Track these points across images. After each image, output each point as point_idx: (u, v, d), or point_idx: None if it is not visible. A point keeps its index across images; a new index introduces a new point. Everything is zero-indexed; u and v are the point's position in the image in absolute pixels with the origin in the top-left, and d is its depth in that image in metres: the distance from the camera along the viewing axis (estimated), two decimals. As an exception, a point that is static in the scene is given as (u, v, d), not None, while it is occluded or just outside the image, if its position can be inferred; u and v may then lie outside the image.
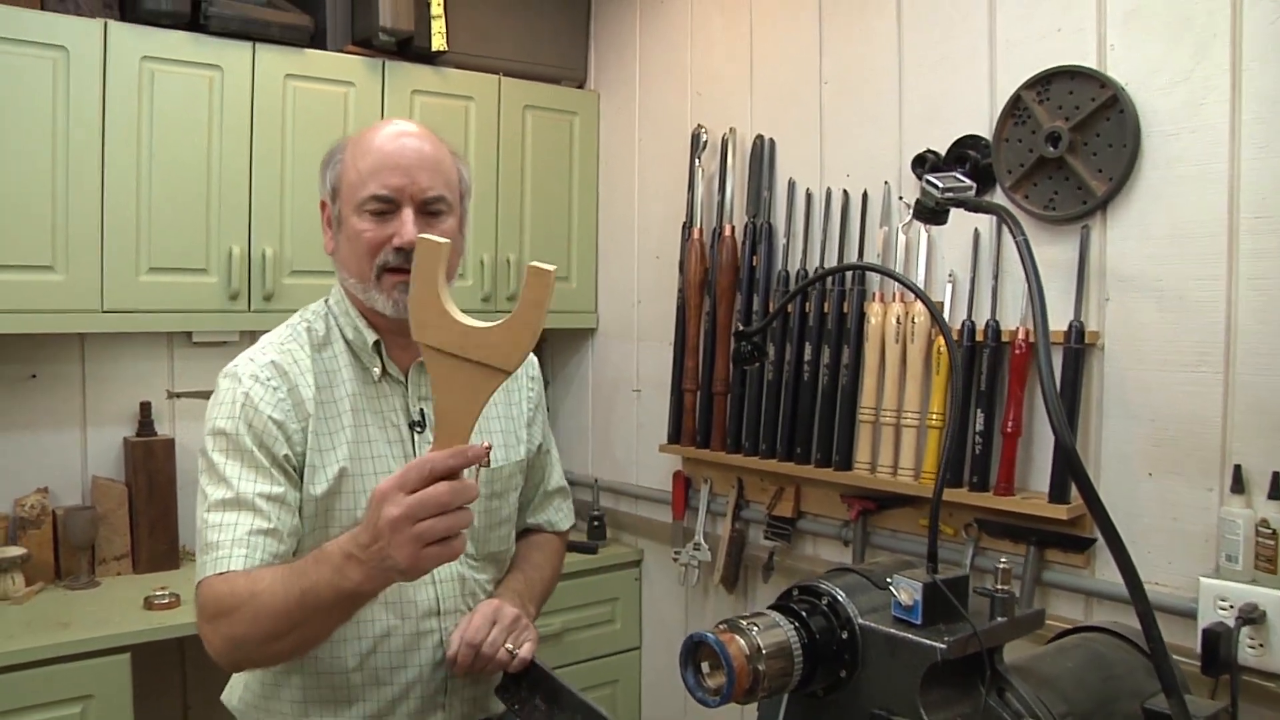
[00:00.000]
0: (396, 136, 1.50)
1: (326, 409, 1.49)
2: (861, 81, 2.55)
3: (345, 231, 1.51)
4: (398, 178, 1.46)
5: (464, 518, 1.10)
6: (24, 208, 2.38)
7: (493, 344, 1.07)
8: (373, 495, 1.11)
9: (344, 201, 1.51)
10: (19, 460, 2.74)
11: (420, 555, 1.09)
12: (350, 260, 1.51)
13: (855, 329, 2.47)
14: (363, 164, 1.48)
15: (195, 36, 2.58)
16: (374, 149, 1.49)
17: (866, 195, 2.52)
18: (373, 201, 1.46)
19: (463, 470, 1.10)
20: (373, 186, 1.46)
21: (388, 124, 1.54)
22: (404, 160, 1.47)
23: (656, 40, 3.17)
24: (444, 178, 1.51)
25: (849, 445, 2.48)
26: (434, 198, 1.49)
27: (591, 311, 3.41)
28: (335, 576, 1.16)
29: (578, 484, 3.47)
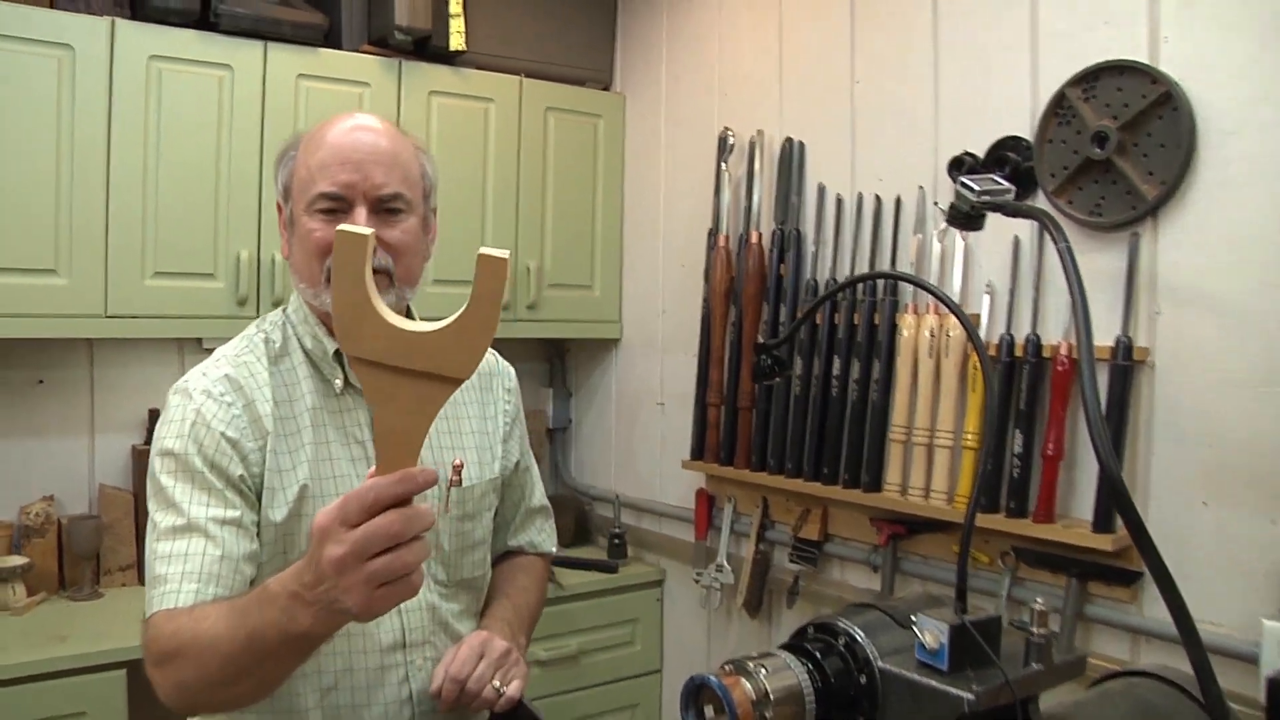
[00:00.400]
0: (350, 130, 1.38)
1: (285, 425, 1.38)
2: (895, 80, 2.41)
3: (297, 233, 1.40)
4: (348, 173, 1.35)
5: (419, 550, 0.94)
6: (26, 209, 2.32)
7: (440, 349, 0.92)
8: (312, 528, 0.97)
9: (295, 201, 1.40)
10: (25, 467, 2.67)
11: (373, 598, 0.94)
12: (301, 264, 1.40)
13: (887, 342, 2.33)
14: (313, 160, 1.37)
15: (205, 35, 2.50)
16: (325, 144, 1.37)
17: (900, 201, 2.38)
18: (322, 200, 1.35)
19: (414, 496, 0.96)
20: (322, 184, 1.35)
21: (343, 117, 1.42)
22: (357, 155, 1.35)
23: (684, 40, 3.06)
24: (401, 173, 1.39)
25: (879, 466, 2.34)
26: (389, 195, 1.37)
27: (615, 321, 3.29)
28: (282, 618, 1.04)
29: (599, 499, 3.37)
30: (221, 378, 1.36)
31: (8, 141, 2.29)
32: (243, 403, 1.35)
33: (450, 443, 1.51)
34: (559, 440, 3.56)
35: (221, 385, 1.35)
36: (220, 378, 1.36)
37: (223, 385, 1.35)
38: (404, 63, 2.80)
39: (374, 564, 0.93)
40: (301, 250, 1.38)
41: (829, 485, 2.44)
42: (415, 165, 1.43)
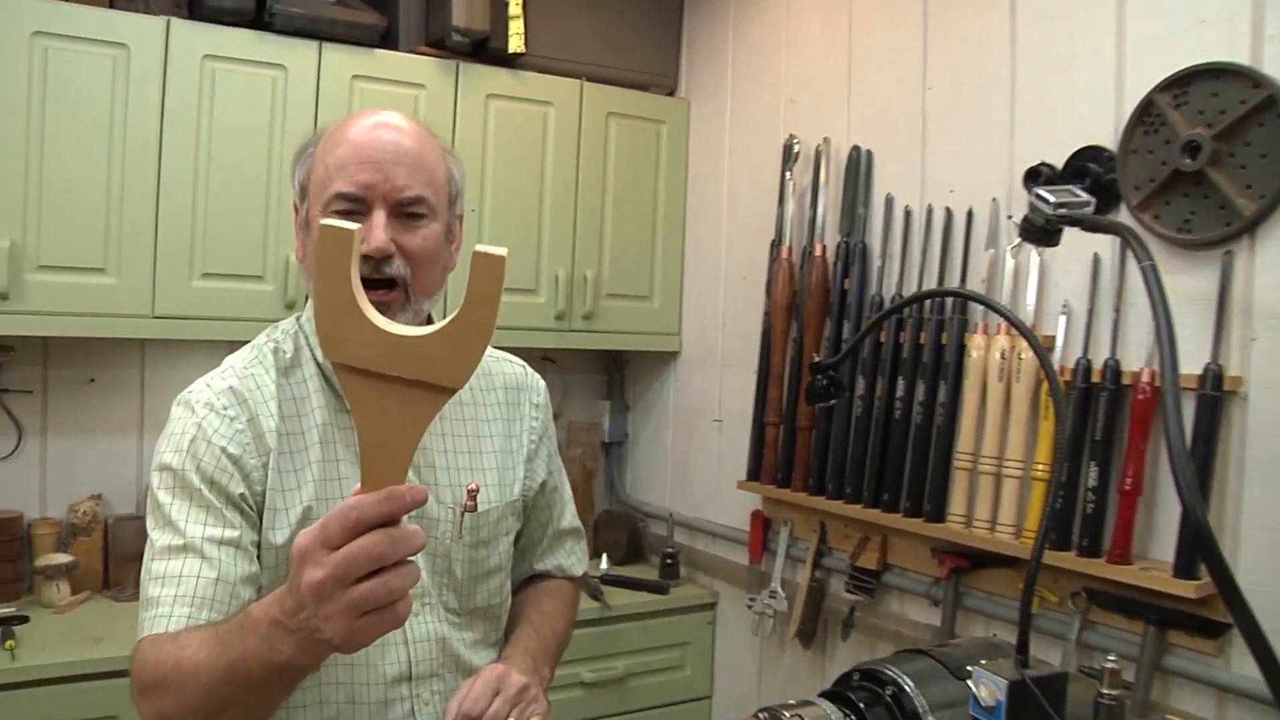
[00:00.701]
0: (372, 128, 1.30)
1: (292, 441, 1.30)
2: (969, 87, 2.28)
3: (312, 236, 1.32)
4: (368, 174, 1.26)
5: (408, 575, 0.86)
6: (78, 207, 2.31)
7: (431, 355, 0.84)
8: (293, 550, 0.89)
9: (312, 200, 1.32)
10: (74, 465, 2.67)
11: (355, 627, 0.86)
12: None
13: (954, 364, 2.20)
14: (331, 158, 1.29)
15: (259, 35, 2.47)
16: (345, 141, 1.29)
17: (972, 213, 2.25)
18: (339, 201, 1.27)
19: (401, 516, 0.87)
20: (340, 183, 1.27)
21: (366, 114, 1.34)
22: (378, 154, 1.27)
23: (750, 45, 2.95)
24: (425, 176, 1.31)
25: (942, 494, 2.21)
26: (411, 199, 1.28)
27: (675, 334, 3.19)
28: (263, 648, 0.96)
29: (653, 517, 3.27)
30: (226, 390, 1.29)
31: (62, 139, 2.28)
32: (246, 417, 1.28)
33: (469, 463, 1.43)
34: (615, 454, 3.47)
35: (225, 398, 1.28)
36: (224, 390, 1.29)
37: (226, 398, 1.28)
38: (461, 65, 2.74)
39: (356, 590, 0.84)
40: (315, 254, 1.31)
41: (889, 513, 2.31)
42: (441, 168, 1.35)
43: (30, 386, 2.61)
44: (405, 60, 2.67)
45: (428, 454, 1.38)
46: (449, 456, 1.40)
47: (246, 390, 1.29)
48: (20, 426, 2.60)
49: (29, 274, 2.26)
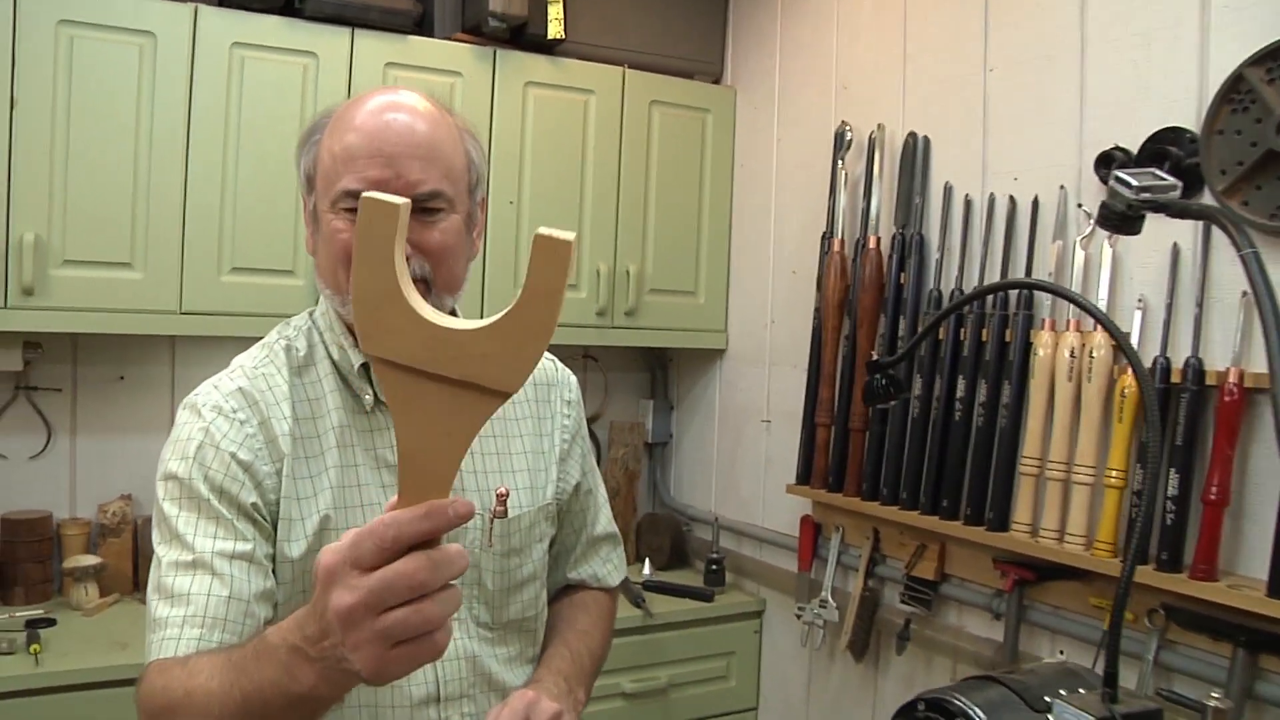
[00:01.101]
0: (380, 111, 1.18)
1: (307, 446, 1.21)
2: (1034, 67, 2.14)
3: (321, 231, 1.22)
4: (378, 169, 1.15)
5: (449, 602, 0.75)
6: (104, 200, 2.25)
7: (482, 353, 0.73)
8: (316, 567, 0.78)
9: (319, 194, 1.21)
10: (104, 464, 2.62)
11: (386, 658, 0.75)
12: (325, 267, 1.22)
13: (1019, 362, 2.06)
14: (338, 147, 1.18)
15: (289, 21, 2.39)
16: (352, 129, 1.18)
17: (1038, 202, 2.11)
18: (347, 198, 1.16)
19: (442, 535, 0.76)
20: (348, 179, 1.16)
21: (375, 94, 1.22)
22: (389, 146, 1.16)
23: (799, 29, 2.83)
24: (442, 166, 1.19)
25: (1006, 501, 2.08)
26: (427, 194, 1.17)
27: (721, 331, 3.08)
28: (282, 677, 0.86)
29: (698, 520, 3.16)
30: (235, 391, 1.19)
31: (87, 131, 2.22)
32: (258, 420, 1.18)
33: (498, 465, 1.32)
34: (659, 455, 3.36)
35: (235, 400, 1.18)
36: (233, 391, 1.19)
37: (236, 400, 1.18)
38: (499, 52, 2.64)
39: (390, 618, 0.74)
40: (326, 252, 1.20)
41: (948, 520, 2.18)
42: (459, 154, 1.24)
43: (59, 384, 2.56)
44: (441, 47, 2.58)
45: None
46: (475, 458, 1.30)
47: (257, 391, 1.20)
48: (49, 425, 2.55)
49: (54, 269, 2.20)
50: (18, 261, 2.15)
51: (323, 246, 1.21)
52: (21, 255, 2.15)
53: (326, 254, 1.20)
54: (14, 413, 2.52)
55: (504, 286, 2.62)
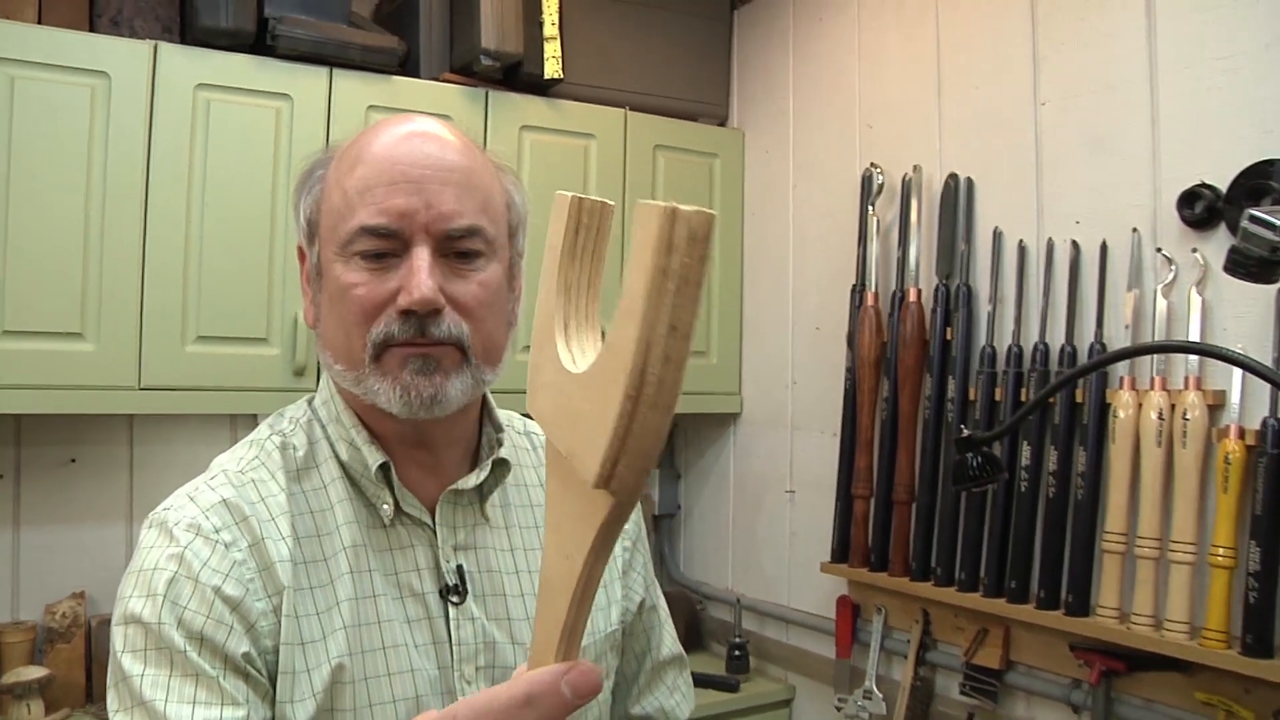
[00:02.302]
0: (406, 138, 0.94)
1: (312, 574, 0.93)
2: (1095, 99, 1.94)
3: (327, 289, 0.97)
4: (403, 196, 0.91)
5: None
6: (51, 262, 1.97)
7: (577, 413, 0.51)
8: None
9: (324, 241, 0.97)
10: (53, 559, 2.31)
11: None
12: (334, 333, 0.96)
13: (1094, 425, 1.84)
14: (351, 181, 0.94)
15: (260, 60, 2.15)
16: (369, 158, 0.94)
17: (1106, 248, 1.90)
18: (364, 237, 0.92)
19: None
20: (364, 213, 0.92)
21: (394, 121, 0.99)
22: (415, 171, 0.92)
23: (814, 66, 2.62)
24: (480, 200, 0.96)
25: (1085, 582, 1.85)
26: (464, 230, 0.93)
27: (735, 393, 2.83)
28: None
29: (714, 600, 2.89)
30: (217, 504, 0.92)
31: (33, 183, 1.95)
32: (248, 542, 0.91)
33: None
34: (666, 528, 3.10)
35: (217, 515, 0.91)
36: (215, 504, 0.92)
37: (219, 515, 0.91)
38: (491, 93, 2.41)
39: None
40: (335, 314, 0.95)
41: (1017, 603, 1.94)
42: (498, 191, 1.00)
43: (1, 470, 2.25)
44: (427, 88, 2.34)
45: (494, 576, 1.01)
46: (523, 578, 1.04)
47: (246, 504, 0.93)
48: (-11, 517, 2.25)
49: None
50: (-50, 333, 1.87)
51: (330, 307, 0.96)
52: (-45, 326, 1.87)
53: (336, 315, 0.95)
54: (-52, 503, 2.22)
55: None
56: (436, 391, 0.91)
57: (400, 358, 0.92)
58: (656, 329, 0.45)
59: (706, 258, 0.45)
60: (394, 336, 0.91)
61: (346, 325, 0.93)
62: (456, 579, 0.98)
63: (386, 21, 2.45)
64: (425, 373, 0.91)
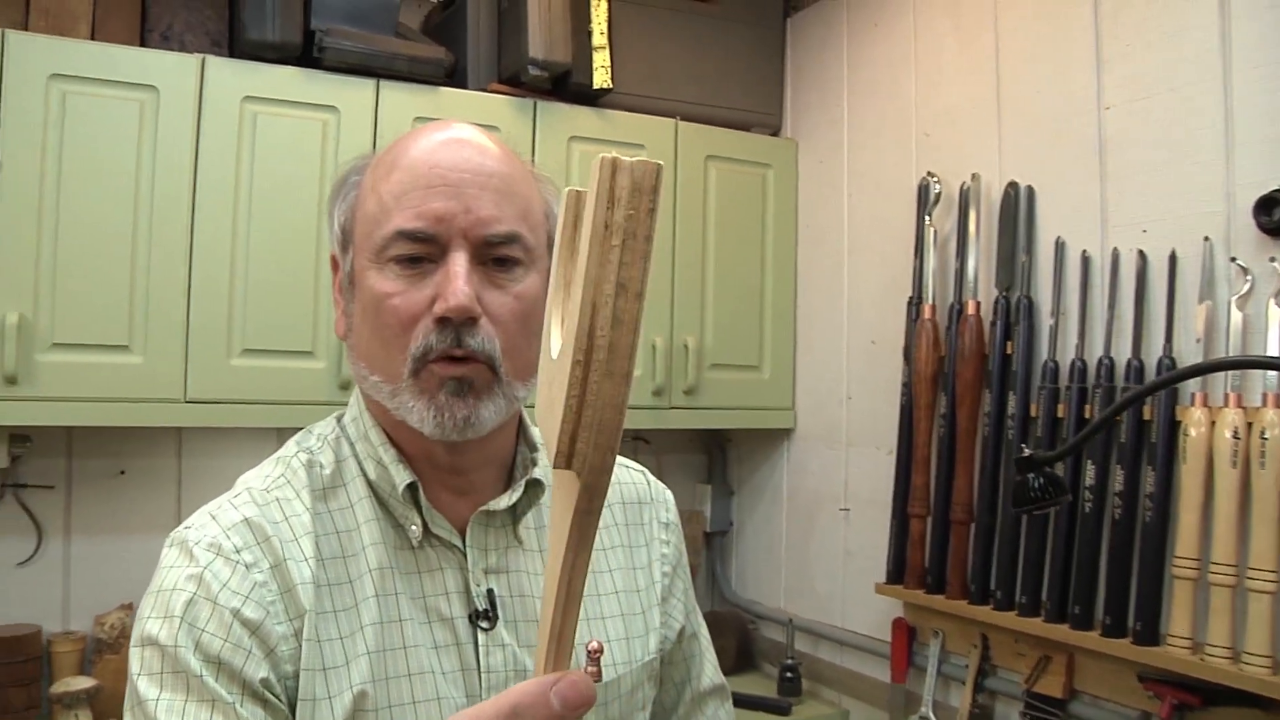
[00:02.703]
0: (444, 144, 0.92)
1: (336, 597, 0.90)
2: (1162, 102, 1.86)
3: (360, 298, 0.94)
4: (441, 200, 0.88)
5: None
6: (98, 275, 1.99)
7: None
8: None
9: (358, 248, 0.94)
10: (102, 570, 2.32)
11: None
12: (369, 345, 0.93)
13: (1163, 444, 1.75)
14: (387, 186, 0.91)
15: (307, 72, 2.14)
16: (405, 163, 0.92)
17: (1176, 258, 1.81)
18: (400, 242, 0.89)
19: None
20: (401, 218, 0.89)
21: (431, 127, 0.96)
22: (454, 175, 0.89)
23: (869, 73, 2.56)
24: (520, 207, 0.92)
25: (1154, 609, 1.75)
26: (503, 236, 0.90)
27: (788, 409, 2.76)
28: None
29: (766, 620, 2.82)
30: (239, 524, 0.89)
31: (80, 197, 1.97)
32: (269, 563, 0.88)
33: (585, 610, 1.01)
34: (718, 546, 3.03)
35: (238, 535, 0.88)
36: (237, 524, 0.89)
37: (240, 535, 0.88)
38: (539, 103, 2.39)
39: None
40: (369, 325, 0.92)
41: (1081, 630, 1.85)
42: (537, 200, 0.97)
43: (51, 481, 2.26)
44: (475, 99, 2.32)
45: (526, 601, 0.97)
46: None
47: (269, 523, 0.90)
48: (40, 527, 2.25)
49: (41, 354, 1.92)
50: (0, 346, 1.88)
51: (363, 318, 0.93)
52: (4, 339, 1.87)
53: (370, 326, 0.91)
54: (0, 513, 2.23)
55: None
56: (470, 414, 0.89)
57: (438, 378, 0.89)
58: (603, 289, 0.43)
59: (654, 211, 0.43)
60: (432, 348, 0.88)
61: (384, 337, 0.90)
62: (487, 604, 0.94)
63: (434, 33, 2.44)
64: (460, 395, 0.88)
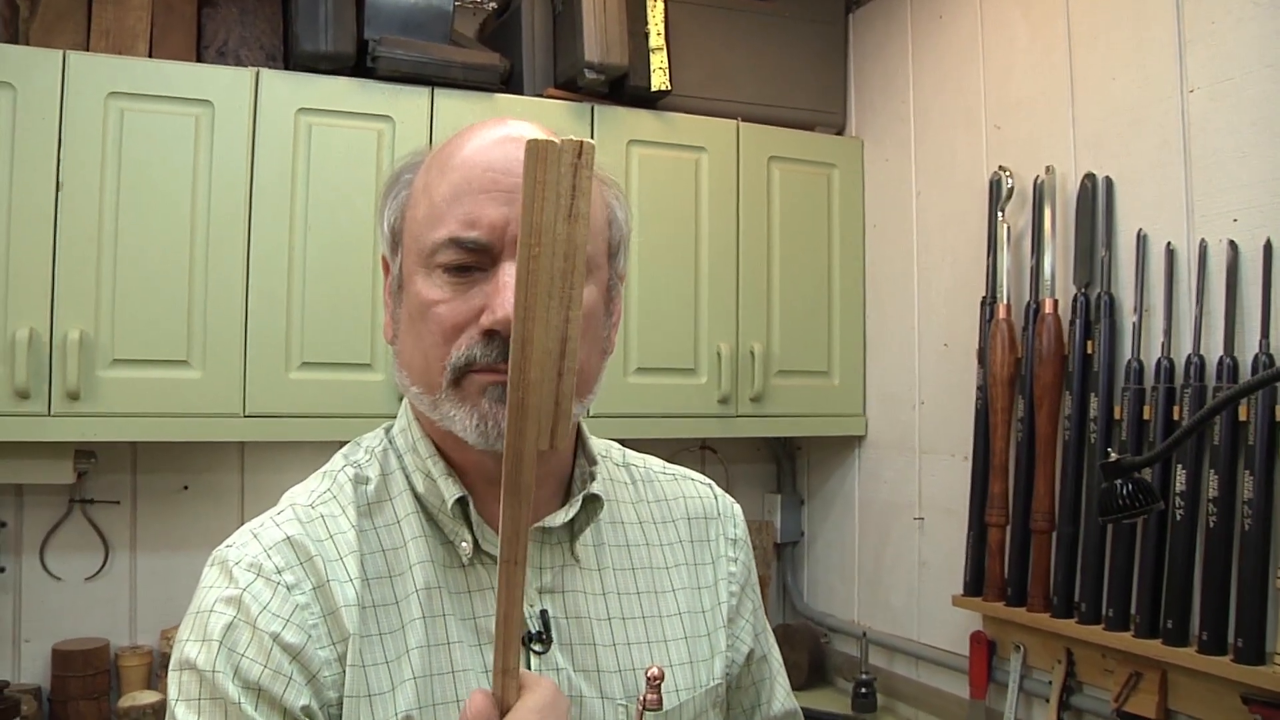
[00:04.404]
0: (497, 143, 0.87)
1: (382, 619, 0.85)
2: (1254, 80, 1.75)
3: (407, 304, 0.89)
4: (495, 207, 0.83)
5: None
6: (156, 291, 2.00)
7: None
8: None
9: (407, 251, 0.90)
10: (168, 584, 2.34)
11: None
12: (412, 353, 0.89)
13: (1263, 447, 1.64)
14: (439, 188, 0.86)
15: (361, 83, 2.14)
16: (457, 162, 0.87)
17: (1271, 248, 1.70)
18: (451, 249, 0.84)
19: None
20: (453, 224, 0.84)
21: (480, 126, 0.91)
22: (506, 180, 0.84)
23: (935, 66, 2.47)
24: None
25: (1258, 624, 1.64)
26: None
27: (858, 415, 2.68)
28: None
29: (839, 632, 2.74)
30: (281, 542, 0.85)
31: (138, 213, 1.98)
32: (312, 584, 0.84)
33: (645, 633, 0.95)
34: (789, 557, 2.96)
35: (280, 555, 0.84)
36: (279, 542, 0.85)
37: (282, 554, 0.84)
38: (596, 107, 2.35)
39: None
40: (414, 332, 0.88)
41: (1175, 646, 1.75)
42: (600, 205, 0.91)
43: (117, 496, 2.29)
44: (531, 105, 2.29)
45: (582, 623, 0.92)
46: (616, 625, 0.94)
47: (312, 541, 0.86)
48: (107, 542, 2.28)
49: (103, 370, 1.94)
50: (61, 362, 1.90)
51: (408, 325, 0.88)
52: (66, 355, 1.89)
53: (414, 335, 0.87)
54: (68, 529, 2.26)
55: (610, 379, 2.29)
56: None
57: (480, 385, 0.84)
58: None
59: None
60: (475, 361, 0.83)
61: (425, 345, 0.85)
62: (540, 626, 0.89)
63: (489, 39, 2.42)
64: (504, 401, 0.83)
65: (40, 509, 2.24)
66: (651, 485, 1.05)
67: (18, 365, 1.87)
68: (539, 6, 2.35)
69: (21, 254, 1.90)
